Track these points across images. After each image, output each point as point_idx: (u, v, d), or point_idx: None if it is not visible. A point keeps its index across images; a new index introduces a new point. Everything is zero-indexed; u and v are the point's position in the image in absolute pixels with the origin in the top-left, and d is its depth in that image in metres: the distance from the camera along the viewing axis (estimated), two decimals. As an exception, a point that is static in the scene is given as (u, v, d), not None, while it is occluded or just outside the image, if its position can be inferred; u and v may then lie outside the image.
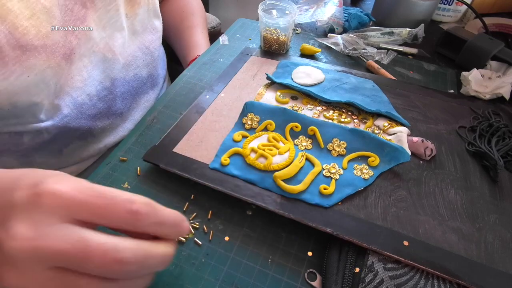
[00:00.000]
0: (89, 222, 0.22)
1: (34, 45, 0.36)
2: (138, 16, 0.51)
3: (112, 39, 0.47)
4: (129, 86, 0.53)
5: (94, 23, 0.43)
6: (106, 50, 0.47)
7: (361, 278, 0.30)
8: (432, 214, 0.35)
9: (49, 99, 0.41)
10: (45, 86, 0.39)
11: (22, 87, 0.37)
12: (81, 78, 0.44)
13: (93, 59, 0.45)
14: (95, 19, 0.43)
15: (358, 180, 0.37)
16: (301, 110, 0.46)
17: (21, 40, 0.35)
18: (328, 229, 0.32)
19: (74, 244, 0.20)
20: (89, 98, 0.46)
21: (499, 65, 0.54)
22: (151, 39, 0.55)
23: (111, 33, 0.47)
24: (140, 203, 0.23)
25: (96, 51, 0.45)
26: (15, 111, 0.39)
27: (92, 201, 0.22)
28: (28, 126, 0.42)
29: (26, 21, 0.35)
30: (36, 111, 0.41)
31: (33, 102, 0.40)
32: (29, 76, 0.37)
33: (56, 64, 0.39)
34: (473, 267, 0.30)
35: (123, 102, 0.53)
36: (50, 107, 0.42)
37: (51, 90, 0.41)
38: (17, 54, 0.35)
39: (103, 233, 0.22)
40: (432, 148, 0.41)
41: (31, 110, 0.40)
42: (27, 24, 0.35)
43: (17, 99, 0.38)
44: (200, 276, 0.31)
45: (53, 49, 0.38)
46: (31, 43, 0.36)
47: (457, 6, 0.70)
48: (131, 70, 0.52)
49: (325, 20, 0.64)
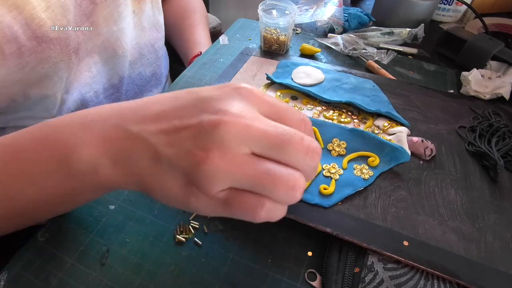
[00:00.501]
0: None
1: (49, 37, 0.37)
2: (144, 12, 0.52)
3: (122, 35, 0.47)
4: (134, 84, 0.53)
5: (104, 18, 0.44)
6: (116, 46, 0.47)
7: (361, 278, 0.30)
8: (432, 214, 0.35)
9: (60, 92, 0.42)
10: (58, 79, 0.40)
11: (36, 79, 0.38)
12: (91, 74, 0.45)
13: (104, 55, 0.45)
14: (105, 14, 0.44)
15: (358, 180, 0.37)
16: (301, 110, 0.46)
17: (37, 31, 0.35)
18: (328, 229, 0.32)
19: (276, 129, 0.21)
20: (95, 95, 0.47)
21: (499, 65, 0.54)
22: (156, 37, 0.56)
23: (121, 28, 0.47)
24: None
25: (107, 47, 0.45)
26: (28, 103, 0.40)
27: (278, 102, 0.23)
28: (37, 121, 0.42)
29: (43, 13, 0.36)
30: (48, 104, 0.41)
31: (46, 94, 0.40)
32: (43, 67, 0.37)
33: (68, 58, 0.40)
34: (473, 267, 0.30)
35: (127, 100, 0.53)
36: (60, 101, 0.43)
37: (63, 84, 0.41)
38: (33, 45, 0.36)
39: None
40: (432, 148, 0.41)
41: (43, 103, 0.41)
42: (44, 16, 0.36)
43: (31, 90, 0.38)
44: (200, 276, 0.31)
45: (66, 42, 0.39)
46: (46, 35, 0.36)
47: (457, 6, 0.70)
48: (136, 68, 0.53)
49: (325, 20, 0.64)
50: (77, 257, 0.32)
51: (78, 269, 0.31)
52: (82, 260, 0.32)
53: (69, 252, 0.32)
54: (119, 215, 0.35)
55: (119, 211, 0.35)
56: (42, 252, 0.32)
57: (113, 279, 0.30)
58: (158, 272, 0.31)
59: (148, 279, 0.30)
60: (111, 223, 0.34)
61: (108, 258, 0.32)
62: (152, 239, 0.33)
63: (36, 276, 0.30)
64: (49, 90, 0.40)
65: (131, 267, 0.31)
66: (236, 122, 0.20)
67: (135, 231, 0.34)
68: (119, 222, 0.35)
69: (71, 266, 0.31)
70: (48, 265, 0.31)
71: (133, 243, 0.33)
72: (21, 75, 0.36)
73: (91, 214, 0.35)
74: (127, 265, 0.31)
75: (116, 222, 0.34)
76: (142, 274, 0.31)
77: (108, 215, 0.35)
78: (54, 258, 0.32)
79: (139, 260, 0.32)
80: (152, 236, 0.34)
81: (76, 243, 0.33)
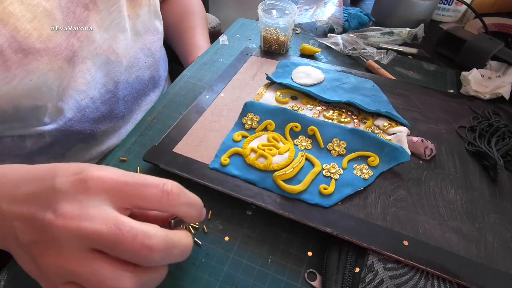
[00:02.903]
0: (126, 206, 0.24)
1: (36, 48, 0.36)
2: (140, 17, 0.51)
3: (115, 41, 0.47)
4: (132, 89, 0.53)
5: (96, 25, 0.43)
6: (109, 52, 0.46)
7: (361, 278, 0.30)
8: (432, 214, 0.35)
9: (52, 102, 0.41)
10: (47, 89, 0.39)
11: (25, 91, 0.37)
12: (85, 81, 0.44)
13: (97, 61, 0.45)
14: (97, 20, 0.43)
15: (358, 180, 0.37)
16: (301, 110, 0.46)
17: (23, 43, 0.35)
18: (328, 229, 0.32)
19: (110, 227, 0.22)
20: (92, 102, 0.46)
21: (499, 65, 0.54)
22: (153, 40, 0.55)
23: (114, 34, 0.46)
24: (172, 184, 0.25)
25: (99, 53, 0.45)
26: (18, 115, 0.39)
27: (131, 182, 0.24)
28: (31, 130, 0.42)
29: (28, 24, 0.35)
30: (40, 115, 0.41)
31: (36, 105, 0.39)
32: (32, 79, 0.37)
33: (58, 67, 0.39)
34: (473, 267, 0.30)
35: (126, 105, 0.53)
36: (54, 110, 0.42)
37: (54, 93, 0.41)
38: (19, 57, 0.35)
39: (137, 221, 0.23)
40: (432, 148, 0.41)
41: (34, 113, 0.40)
42: (29, 27, 0.35)
43: (20, 102, 0.38)
44: (200, 276, 0.31)
45: (55, 52, 0.38)
46: (33, 46, 0.36)
47: (457, 6, 0.70)
48: (133, 72, 0.52)
49: (325, 20, 0.64)
50: (77, 257, 0.32)
51: (78, 269, 0.31)
52: (82, 260, 0.31)
53: (69, 252, 0.32)
54: (119, 215, 0.35)
55: (119, 211, 0.35)
56: (42, 252, 0.32)
57: (113, 279, 0.30)
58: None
59: (148, 279, 0.30)
60: (111, 223, 0.34)
61: (108, 258, 0.32)
62: (152, 239, 0.33)
63: (36, 276, 0.30)
64: (39, 100, 0.39)
65: (131, 267, 0.31)
66: (67, 224, 0.22)
67: (135, 231, 0.34)
68: (119, 222, 0.35)
69: (71, 266, 0.31)
70: (48, 265, 0.31)
71: (133, 243, 0.33)
72: (8, 88, 0.36)
73: (91, 214, 0.35)
74: (127, 265, 0.31)
75: (116, 222, 0.34)
76: (142, 274, 0.31)
77: (108, 215, 0.35)
78: (54, 258, 0.32)
79: (139, 260, 0.32)
80: (152, 236, 0.34)
81: (76, 243, 0.33)
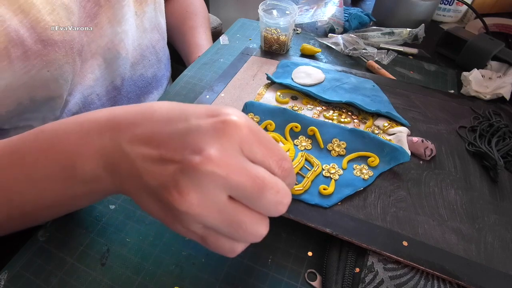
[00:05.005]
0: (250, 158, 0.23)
1: (54, 40, 0.37)
2: (146, 14, 0.52)
3: (125, 37, 0.48)
4: (135, 86, 0.53)
5: (108, 20, 0.44)
6: (120, 48, 0.47)
7: (361, 278, 0.30)
8: (431, 215, 0.35)
9: (65, 94, 0.42)
10: (64, 82, 0.40)
11: (42, 82, 0.38)
12: (94, 77, 0.45)
13: (107, 56, 0.45)
14: (109, 16, 0.44)
15: (358, 180, 0.37)
16: (301, 110, 0.46)
17: (42, 34, 0.36)
18: (328, 230, 0.32)
19: (254, 180, 0.21)
20: (98, 98, 0.47)
21: (500, 65, 0.54)
22: (157, 39, 0.56)
23: (124, 30, 0.47)
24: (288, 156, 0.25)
25: (110, 48, 0.45)
26: (34, 106, 0.40)
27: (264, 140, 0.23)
28: (43, 121, 0.42)
29: (48, 16, 0.36)
30: (54, 105, 0.42)
31: (51, 96, 0.40)
32: (49, 70, 0.37)
33: (72, 61, 0.40)
34: (473, 267, 0.30)
35: (129, 103, 0.53)
36: (64, 103, 0.43)
37: (68, 85, 0.41)
38: (39, 48, 0.36)
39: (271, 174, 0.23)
40: (432, 148, 0.41)
41: (49, 104, 0.41)
42: (49, 19, 0.36)
43: (36, 93, 0.39)
44: (200, 276, 0.31)
45: (71, 44, 0.39)
46: (52, 38, 0.36)
47: (458, 6, 0.70)
48: (138, 70, 0.53)
49: (325, 20, 0.64)
50: (77, 257, 0.32)
51: (78, 269, 0.31)
52: (82, 260, 0.32)
53: (70, 252, 0.32)
54: (119, 215, 0.35)
55: (119, 211, 0.36)
56: (42, 252, 0.32)
57: (113, 279, 0.30)
58: (158, 272, 0.31)
59: (148, 279, 0.31)
60: (111, 223, 0.34)
61: (108, 258, 0.32)
62: (152, 239, 0.33)
63: (36, 276, 0.30)
64: (55, 92, 0.40)
65: (131, 267, 0.31)
66: (216, 168, 0.20)
67: (135, 231, 0.34)
68: (119, 222, 0.35)
69: (71, 266, 0.31)
70: (48, 265, 0.31)
71: (133, 243, 0.33)
72: (27, 79, 0.36)
73: (91, 214, 0.35)
74: (127, 265, 0.31)
75: (116, 222, 0.35)
76: (142, 274, 0.31)
77: (108, 215, 0.35)
78: (54, 258, 0.32)
79: (139, 260, 0.32)
80: (152, 236, 0.34)
81: (77, 243, 0.33)
